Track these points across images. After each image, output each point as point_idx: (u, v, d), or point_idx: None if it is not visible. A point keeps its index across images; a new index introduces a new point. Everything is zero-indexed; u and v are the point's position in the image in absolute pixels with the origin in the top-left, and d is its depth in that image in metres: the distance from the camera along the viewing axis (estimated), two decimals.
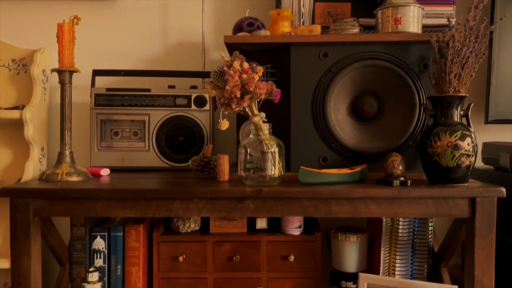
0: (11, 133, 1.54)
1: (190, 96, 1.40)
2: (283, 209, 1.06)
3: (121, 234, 1.28)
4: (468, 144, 1.03)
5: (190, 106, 1.41)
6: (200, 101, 1.41)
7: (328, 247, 1.46)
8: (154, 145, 1.41)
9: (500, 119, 1.48)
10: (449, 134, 1.03)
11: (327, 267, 1.48)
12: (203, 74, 1.49)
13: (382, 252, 1.33)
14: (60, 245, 1.25)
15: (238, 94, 0.99)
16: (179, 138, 1.42)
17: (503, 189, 1.01)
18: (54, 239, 1.21)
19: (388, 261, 1.33)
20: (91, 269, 1.14)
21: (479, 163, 1.45)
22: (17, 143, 1.53)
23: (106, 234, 1.28)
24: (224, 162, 1.15)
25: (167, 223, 1.44)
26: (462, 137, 1.03)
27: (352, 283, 1.37)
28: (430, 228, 1.29)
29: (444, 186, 1.05)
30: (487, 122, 1.47)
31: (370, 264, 1.39)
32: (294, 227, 1.39)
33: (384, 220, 1.32)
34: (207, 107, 1.41)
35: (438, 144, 1.03)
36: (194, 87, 1.45)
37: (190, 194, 1.03)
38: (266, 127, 1.08)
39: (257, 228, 1.41)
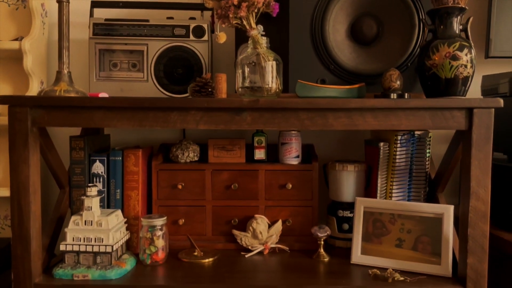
0: (11, 68, 1.55)
1: (188, 26, 1.40)
2: (280, 121, 1.06)
3: (120, 158, 1.29)
4: (466, 55, 1.03)
5: (189, 37, 1.40)
6: (199, 31, 1.40)
7: (326, 181, 1.47)
8: (153, 75, 1.41)
9: (500, 55, 1.47)
10: (447, 45, 1.03)
11: (324, 201, 1.49)
12: (202, 6, 1.48)
13: (379, 179, 1.33)
14: (60, 167, 1.26)
15: (236, 1, 0.99)
16: (177, 69, 1.41)
17: (501, 100, 1.01)
18: (54, 159, 1.21)
19: (385, 188, 1.34)
20: (90, 184, 1.15)
21: (478, 95, 1.45)
22: (17, 77, 1.54)
23: (105, 158, 1.29)
24: (222, 81, 1.15)
25: (166, 154, 1.45)
26: (461, 48, 1.03)
27: (349, 212, 1.38)
28: (427, 155, 1.30)
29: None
30: (487, 57, 1.46)
31: (368, 195, 1.39)
32: (292, 156, 1.40)
33: (381, 147, 1.33)
34: (205, 37, 1.40)
35: (437, 55, 1.03)
36: (192, 18, 1.44)
37: (188, 104, 1.04)
38: (263, 41, 1.08)
39: (255, 158, 1.41)
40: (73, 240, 1.13)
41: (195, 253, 1.29)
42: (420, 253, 1.17)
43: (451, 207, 1.16)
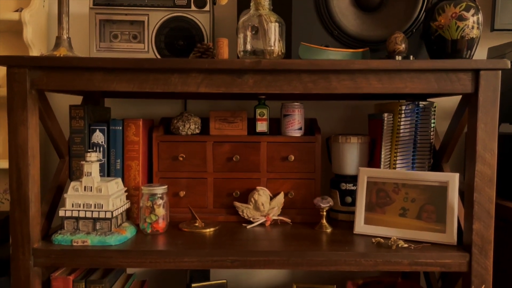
0: (11, 41, 1.53)
1: None
2: (282, 84, 1.04)
3: (121, 128, 1.28)
4: (473, 15, 1.00)
5: (190, 7, 1.38)
6: (200, 2, 1.38)
7: (328, 156, 1.46)
8: (154, 46, 1.39)
9: (505, 28, 1.45)
10: (453, 5, 1.01)
11: (327, 176, 1.48)
12: None
13: (383, 151, 1.31)
14: (60, 136, 1.24)
15: None
16: (178, 41, 1.40)
17: (508, 61, 0.99)
18: (54, 127, 1.20)
19: (388, 159, 1.32)
20: (89, 150, 1.13)
21: None
22: (17, 50, 1.52)
23: (105, 128, 1.27)
24: (224, 45, 1.13)
25: (166, 127, 1.44)
26: (467, 8, 1.00)
27: (352, 185, 1.36)
28: (432, 125, 1.28)
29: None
30: (492, 29, 1.44)
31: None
32: (295, 128, 1.38)
33: (385, 118, 1.30)
34: (207, 7, 1.38)
35: (443, 16, 1.01)
36: None
37: (189, 65, 1.02)
38: (266, 2, 1.06)
39: (257, 131, 1.40)
40: (73, 206, 1.11)
41: (196, 224, 1.27)
42: (424, 222, 1.15)
43: (456, 175, 1.14)
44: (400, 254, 1.06)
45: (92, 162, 1.12)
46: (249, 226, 1.29)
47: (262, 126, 1.40)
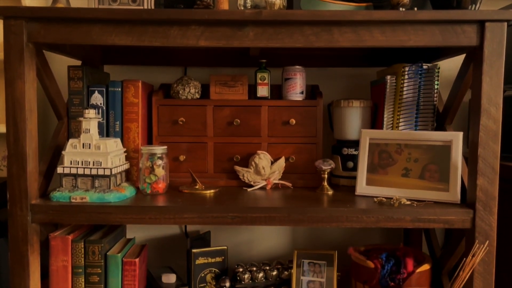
0: (8, 2, 1.51)
1: None
2: (284, 37, 1.02)
3: (120, 89, 1.26)
4: None
5: None
6: None
7: (330, 123, 1.44)
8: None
9: None
10: None
11: (329, 143, 1.46)
12: None
13: (385, 114, 1.29)
14: (58, 97, 1.23)
15: None
16: (178, 4, 1.37)
17: None
18: (52, 87, 1.18)
19: (391, 122, 1.30)
20: (87, 107, 1.12)
21: None
22: None
23: (104, 89, 1.26)
24: (224, 0, 1.11)
25: (166, 92, 1.42)
26: None
27: (354, 149, 1.34)
28: (436, 87, 1.26)
29: None
30: None
31: None
32: (296, 92, 1.36)
33: (388, 80, 1.29)
34: None
35: None
36: None
37: (188, 16, 1.00)
38: None
39: (258, 96, 1.38)
40: (71, 164, 1.10)
41: (197, 187, 1.26)
42: (427, 181, 1.14)
43: (460, 133, 1.12)
44: (403, 211, 1.04)
45: (91, 119, 1.10)
46: (250, 189, 1.28)
47: (263, 91, 1.38)
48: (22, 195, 1.03)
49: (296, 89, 1.36)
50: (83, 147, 1.10)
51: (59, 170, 1.10)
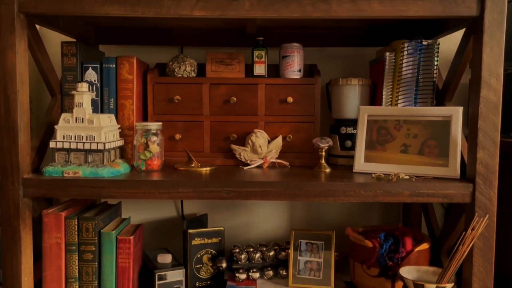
0: None
1: None
2: (280, 7, 1.00)
3: (114, 66, 1.24)
4: None
5: None
6: None
7: (328, 104, 1.42)
8: None
9: None
10: None
11: (326, 123, 1.44)
12: None
13: (384, 91, 1.27)
14: (52, 73, 1.21)
15: None
16: None
17: None
18: (45, 63, 1.17)
19: (390, 100, 1.27)
20: (81, 81, 1.10)
21: None
22: None
23: (98, 66, 1.24)
24: None
25: (162, 71, 1.40)
26: None
27: (352, 128, 1.32)
28: (435, 63, 1.23)
29: None
30: None
31: None
32: (294, 70, 1.34)
33: (387, 57, 1.26)
34: None
35: None
36: None
37: None
38: None
39: (255, 74, 1.36)
40: (64, 138, 1.08)
41: (192, 165, 1.24)
42: (427, 157, 1.12)
43: (460, 108, 1.10)
44: (401, 185, 1.03)
45: (84, 93, 1.08)
46: (246, 168, 1.26)
47: (260, 69, 1.36)
48: (14, 169, 1.01)
49: (294, 67, 1.34)
50: (76, 121, 1.08)
51: (52, 144, 1.08)
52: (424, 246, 1.22)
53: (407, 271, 1.12)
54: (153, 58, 1.50)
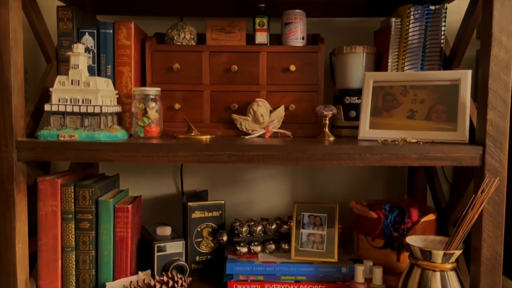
0: None
1: None
2: None
3: (111, 31, 1.20)
4: None
5: None
6: None
7: (332, 76, 1.38)
8: None
9: None
10: None
11: (329, 95, 1.40)
12: None
13: (390, 58, 1.24)
14: (48, 39, 1.17)
15: None
16: None
17: None
18: (41, 28, 1.13)
19: (396, 67, 1.24)
20: (76, 42, 1.06)
21: None
22: None
23: (95, 31, 1.20)
24: None
25: (161, 39, 1.36)
26: None
27: (356, 98, 1.29)
28: (443, 28, 1.20)
29: None
30: None
31: None
32: (297, 38, 1.30)
33: (393, 23, 1.23)
34: None
35: None
36: None
37: None
38: None
39: (256, 42, 1.32)
40: (59, 101, 1.04)
41: (192, 134, 1.20)
42: (434, 122, 1.08)
43: (469, 71, 1.07)
44: (408, 148, 0.99)
45: (80, 54, 1.04)
46: (247, 137, 1.22)
47: (261, 37, 1.32)
48: (7, 131, 0.98)
49: (297, 34, 1.30)
50: (72, 84, 1.04)
51: (47, 107, 1.04)
52: (431, 217, 1.19)
53: (413, 240, 1.09)
54: (152, 29, 1.47)
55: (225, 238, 1.28)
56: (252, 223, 1.31)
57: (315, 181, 1.55)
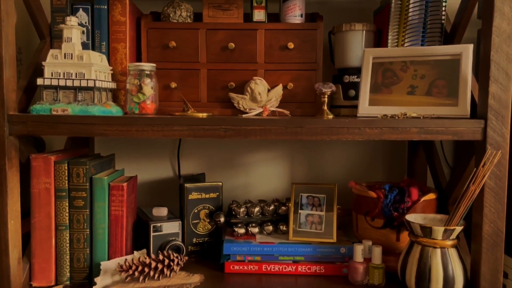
0: None
1: None
2: None
3: (106, 7, 1.17)
4: None
5: None
6: None
7: (331, 55, 1.36)
8: None
9: None
10: None
11: (328, 75, 1.38)
12: None
13: (389, 35, 1.22)
14: (41, 15, 1.14)
15: None
16: None
17: None
18: (35, 3, 1.10)
19: (396, 44, 1.22)
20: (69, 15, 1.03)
21: None
22: None
23: (89, 7, 1.17)
24: None
25: (156, 17, 1.33)
26: None
27: (356, 76, 1.26)
28: (444, 4, 1.17)
29: None
30: None
31: None
32: (295, 15, 1.28)
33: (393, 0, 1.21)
34: None
35: None
36: None
37: None
38: None
39: (254, 20, 1.30)
40: (52, 75, 1.02)
41: (189, 112, 1.18)
42: (435, 97, 1.06)
43: (470, 45, 1.05)
44: (409, 122, 0.97)
45: (73, 27, 1.02)
46: (245, 116, 1.20)
47: (259, 15, 1.29)
48: None
49: (295, 11, 1.27)
50: (65, 58, 1.02)
51: (39, 81, 1.02)
52: (431, 196, 1.17)
53: (413, 218, 1.07)
54: (148, 8, 1.44)
55: (222, 219, 1.26)
56: (250, 204, 1.29)
57: (314, 165, 1.53)
